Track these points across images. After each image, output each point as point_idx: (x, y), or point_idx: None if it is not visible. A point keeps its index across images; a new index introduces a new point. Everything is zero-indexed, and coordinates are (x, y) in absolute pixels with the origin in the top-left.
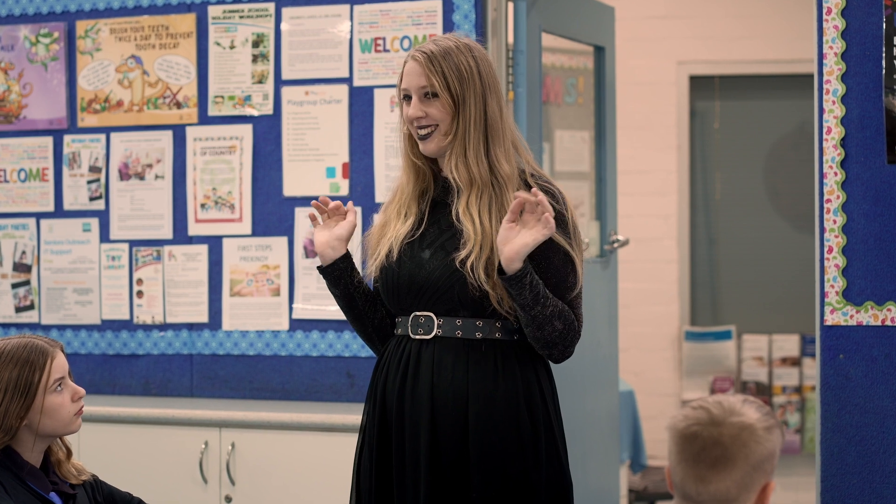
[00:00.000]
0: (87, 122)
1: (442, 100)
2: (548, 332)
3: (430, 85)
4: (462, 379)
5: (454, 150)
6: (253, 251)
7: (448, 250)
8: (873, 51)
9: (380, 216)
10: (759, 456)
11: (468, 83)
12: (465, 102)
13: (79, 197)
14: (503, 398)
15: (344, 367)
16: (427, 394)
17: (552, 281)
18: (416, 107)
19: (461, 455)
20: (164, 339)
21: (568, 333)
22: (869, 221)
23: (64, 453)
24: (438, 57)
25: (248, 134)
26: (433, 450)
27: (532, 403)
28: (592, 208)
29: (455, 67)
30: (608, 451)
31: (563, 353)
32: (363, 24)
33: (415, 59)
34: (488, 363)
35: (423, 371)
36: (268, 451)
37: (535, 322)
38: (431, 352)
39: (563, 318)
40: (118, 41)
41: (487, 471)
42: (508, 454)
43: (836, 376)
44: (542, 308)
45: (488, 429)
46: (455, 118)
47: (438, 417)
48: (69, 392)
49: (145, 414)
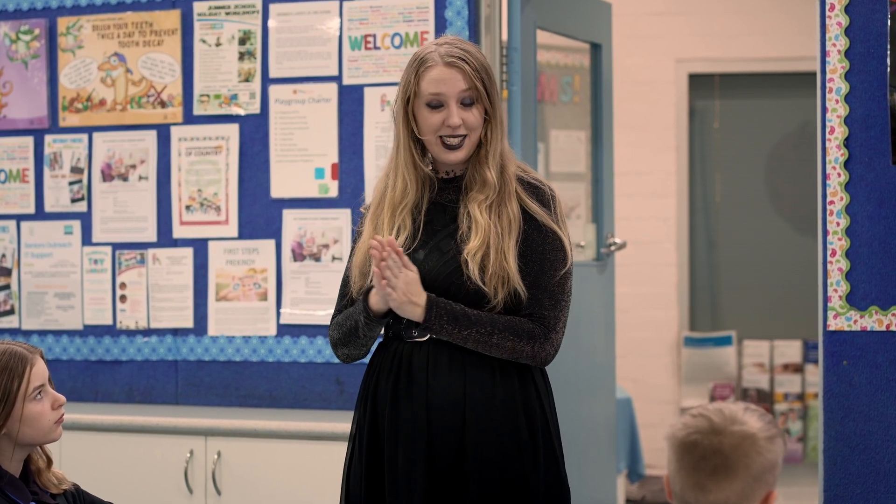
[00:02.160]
0: (68, 122)
1: (478, 105)
2: (496, 353)
3: (473, 90)
4: (459, 382)
5: (489, 152)
6: (239, 254)
7: (443, 250)
8: (878, 48)
9: (367, 227)
10: (760, 466)
11: (493, 84)
12: (494, 105)
13: (60, 198)
14: (501, 402)
15: (333, 373)
16: (422, 397)
17: (529, 271)
18: (457, 114)
19: (458, 460)
20: (148, 344)
21: (523, 347)
22: (873, 224)
23: (44, 462)
24: (472, 60)
25: (234, 134)
26: (429, 454)
27: (530, 408)
28: (589, 210)
29: (484, 70)
30: (605, 461)
31: (532, 362)
32: (353, 20)
33: (452, 64)
34: (485, 366)
35: (417, 374)
36: (255, 460)
37: (476, 348)
38: (426, 355)
39: (510, 334)
40: (101, 38)
41: (484, 476)
42: (506, 460)
43: (839, 383)
44: (473, 337)
45: (486, 434)
46: (488, 122)
47: (434, 421)
48: (49, 400)
49: (129, 422)
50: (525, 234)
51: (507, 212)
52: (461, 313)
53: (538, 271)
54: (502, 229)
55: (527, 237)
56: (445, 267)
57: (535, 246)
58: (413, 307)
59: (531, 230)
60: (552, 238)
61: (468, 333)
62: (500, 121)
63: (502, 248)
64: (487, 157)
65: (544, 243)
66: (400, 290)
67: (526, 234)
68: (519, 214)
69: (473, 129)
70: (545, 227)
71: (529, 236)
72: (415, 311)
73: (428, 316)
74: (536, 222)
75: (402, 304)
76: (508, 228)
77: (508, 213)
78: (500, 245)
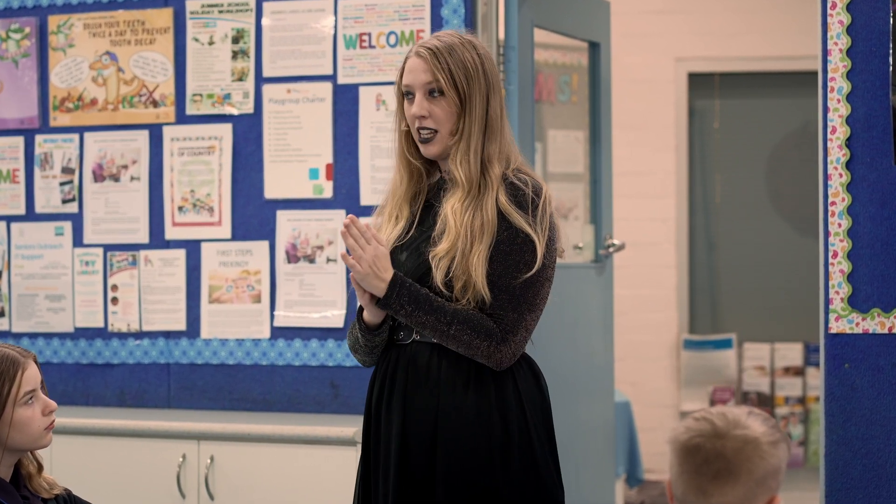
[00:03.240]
0: (59, 122)
1: (448, 98)
2: (453, 345)
3: (436, 81)
4: (433, 387)
5: (459, 149)
6: (233, 256)
7: (421, 251)
8: (880, 47)
9: (375, 220)
10: (763, 470)
11: (474, 80)
12: (471, 100)
13: (51, 199)
14: (473, 407)
15: (328, 376)
16: (399, 403)
17: (495, 271)
18: (420, 105)
19: (429, 468)
20: (140, 347)
21: (479, 343)
22: (875, 225)
23: (35, 467)
24: (444, 53)
25: (227, 134)
26: (402, 462)
27: (507, 412)
28: (587, 211)
29: (461, 64)
30: (603, 465)
31: (488, 362)
32: (348, 18)
33: (419, 55)
34: (461, 369)
35: (399, 380)
36: (248, 464)
37: (434, 336)
38: (407, 358)
39: (468, 328)
40: (92, 37)
41: (453, 486)
42: (475, 469)
43: (841, 386)
44: (431, 323)
45: (456, 442)
46: (461, 117)
47: (409, 428)
48: (40, 405)
49: (120, 426)
50: (497, 235)
51: (481, 215)
52: (424, 298)
53: (501, 272)
54: (473, 234)
55: (498, 239)
56: (419, 269)
57: (503, 247)
58: (377, 282)
59: (502, 230)
60: (522, 240)
61: (426, 319)
62: (477, 118)
63: (470, 253)
64: (458, 155)
65: (512, 244)
66: (365, 262)
67: (498, 235)
68: (494, 218)
69: (441, 123)
70: (516, 229)
71: (500, 238)
72: (378, 286)
73: (389, 293)
74: (508, 222)
75: (366, 277)
76: (480, 232)
77: (482, 217)
78: (468, 249)
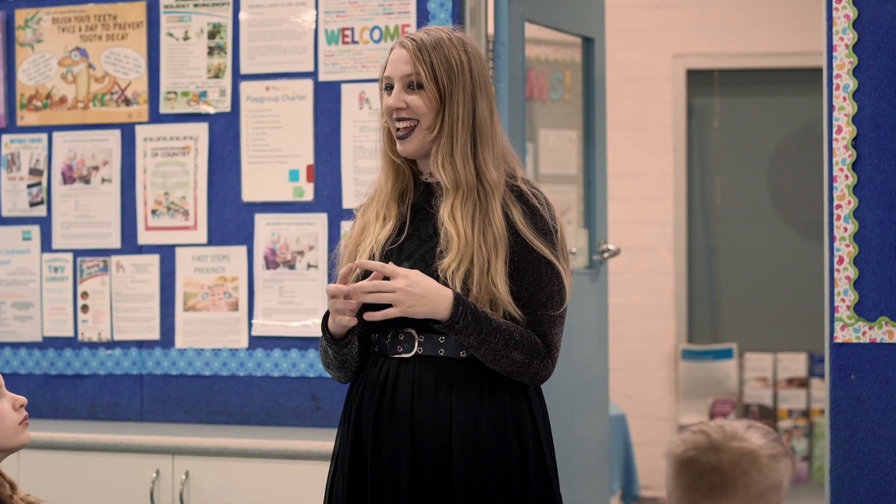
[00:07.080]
0: (27, 121)
1: (427, 92)
2: (504, 366)
3: (416, 74)
4: (445, 401)
5: (440, 148)
6: (209, 262)
7: (428, 262)
8: (888, 42)
9: (358, 221)
10: (761, 485)
11: (457, 78)
12: (452, 97)
13: (18, 202)
14: (489, 422)
15: (308, 388)
16: (407, 416)
17: (524, 296)
18: (397, 96)
19: (444, 481)
20: (112, 357)
21: (531, 363)
22: (883, 229)
23: (8, 489)
24: (428, 46)
25: (203, 133)
26: (414, 475)
27: (521, 426)
28: (580, 215)
29: (445, 59)
30: (597, 481)
31: (531, 380)
32: (329, 13)
33: (402, 45)
34: (473, 384)
35: (402, 392)
36: (225, 480)
37: (486, 358)
38: (412, 371)
39: (523, 348)
40: (61, 32)
41: (473, 500)
42: (495, 482)
43: (846, 398)
44: (491, 345)
45: (474, 455)
46: (440, 114)
47: (419, 442)
48: (8, 401)
49: (91, 440)
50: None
51: (492, 230)
52: (483, 316)
53: (529, 289)
54: (487, 250)
55: (518, 260)
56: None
57: (529, 269)
58: (439, 301)
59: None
60: (546, 267)
61: (487, 340)
62: (461, 118)
63: (488, 272)
64: (439, 156)
65: (536, 267)
66: (402, 291)
67: (514, 254)
68: (504, 231)
69: (421, 115)
70: (538, 255)
71: (520, 259)
72: (438, 307)
73: (455, 312)
74: (524, 243)
75: (414, 304)
76: (494, 248)
77: (493, 231)
78: (485, 266)
